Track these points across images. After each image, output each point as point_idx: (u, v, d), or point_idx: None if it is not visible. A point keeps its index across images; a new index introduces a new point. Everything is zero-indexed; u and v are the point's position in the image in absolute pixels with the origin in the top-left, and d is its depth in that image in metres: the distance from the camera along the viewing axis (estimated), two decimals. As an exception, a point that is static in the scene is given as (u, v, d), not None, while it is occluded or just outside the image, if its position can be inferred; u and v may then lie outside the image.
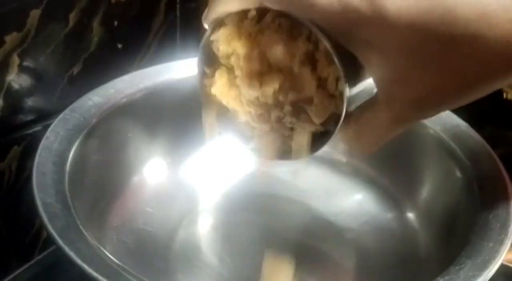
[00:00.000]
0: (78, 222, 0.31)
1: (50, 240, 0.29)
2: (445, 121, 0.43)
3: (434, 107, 0.26)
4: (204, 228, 0.44)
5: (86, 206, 0.36)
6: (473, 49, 0.22)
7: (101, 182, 0.40)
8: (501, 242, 0.32)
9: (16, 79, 0.47)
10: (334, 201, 0.46)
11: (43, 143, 0.36)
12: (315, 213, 0.45)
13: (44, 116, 0.50)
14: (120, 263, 0.29)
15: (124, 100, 0.43)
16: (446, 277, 0.30)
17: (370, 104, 0.27)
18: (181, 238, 0.41)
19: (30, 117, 0.51)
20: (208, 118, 0.34)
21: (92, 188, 0.38)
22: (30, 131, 0.49)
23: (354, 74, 0.27)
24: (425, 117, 0.28)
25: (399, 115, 0.26)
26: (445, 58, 0.23)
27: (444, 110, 0.26)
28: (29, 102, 0.51)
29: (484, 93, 0.25)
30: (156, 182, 0.45)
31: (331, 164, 0.48)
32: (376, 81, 0.25)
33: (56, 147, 0.36)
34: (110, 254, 0.37)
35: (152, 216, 0.43)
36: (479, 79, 0.24)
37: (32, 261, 0.43)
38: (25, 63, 0.47)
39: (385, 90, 0.25)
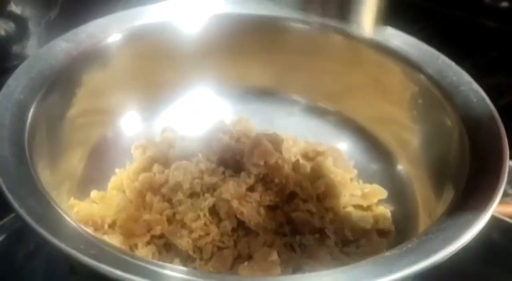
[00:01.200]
0: (34, 178, 0.29)
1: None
2: (442, 68, 0.39)
3: None
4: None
5: (52, 162, 0.35)
6: None
7: (69, 137, 0.37)
8: (487, 201, 0.29)
9: (-13, 26, 0.45)
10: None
11: (2, 92, 0.33)
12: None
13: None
14: (72, 222, 0.27)
15: (96, 45, 0.40)
16: (423, 238, 0.28)
17: None
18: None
19: (5, 65, 0.49)
20: None
21: (58, 143, 0.36)
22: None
23: None
24: None
25: None
26: None
27: None
28: (3, 49, 0.49)
29: None
30: (131, 135, 0.43)
31: (317, 113, 0.46)
32: None
33: (16, 97, 0.33)
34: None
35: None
36: None
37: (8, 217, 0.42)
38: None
39: None
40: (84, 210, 0.37)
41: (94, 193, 0.39)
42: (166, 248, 0.36)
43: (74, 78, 0.38)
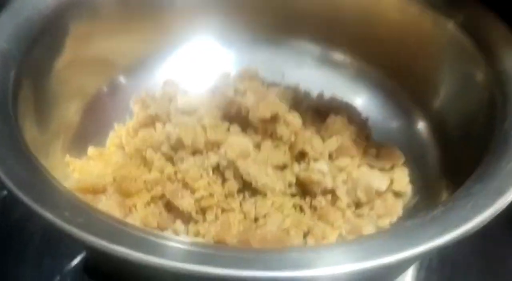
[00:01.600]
0: (18, 136, 0.27)
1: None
2: (474, 15, 0.36)
3: None
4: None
5: (41, 117, 0.33)
6: None
7: (60, 90, 0.35)
8: (523, 164, 0.26)
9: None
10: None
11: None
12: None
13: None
14: (58, 185, 0.24)
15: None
16: (450, 205, 0.25)
17: None
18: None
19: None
20: None
21: (47, 96, 0.34)
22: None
23: None
24: None
25: None
26: None
27: None
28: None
29: None
30: (130, 88, 0.40)
31: (331, 64, 0.43)
32: None
33: (2, 46, 0.31)
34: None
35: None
36: None
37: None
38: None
39: None
40: (81, 169, 0.35)
41: (91, 150, 0.37)
42: (167, 209, 0.34)
43: (64, 25, 0.36)
